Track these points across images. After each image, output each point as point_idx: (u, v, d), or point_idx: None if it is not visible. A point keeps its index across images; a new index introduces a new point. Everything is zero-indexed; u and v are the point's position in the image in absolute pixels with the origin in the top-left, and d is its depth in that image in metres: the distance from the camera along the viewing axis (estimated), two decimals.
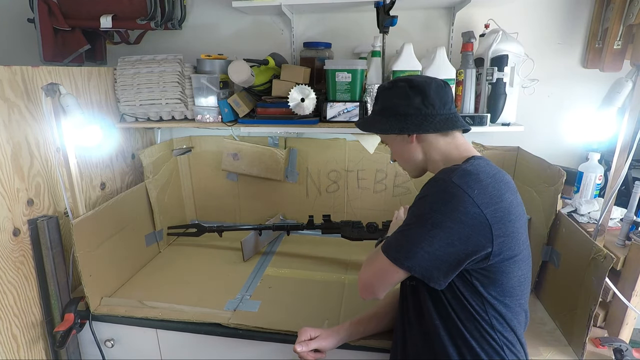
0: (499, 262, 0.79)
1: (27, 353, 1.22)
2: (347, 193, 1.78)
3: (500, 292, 0.81)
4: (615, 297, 1.06)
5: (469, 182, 0.76)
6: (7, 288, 1.14)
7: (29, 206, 1.20)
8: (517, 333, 0.85)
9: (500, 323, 0.82)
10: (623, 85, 1.03)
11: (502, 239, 0.77)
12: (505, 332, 0.83)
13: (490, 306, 0.81)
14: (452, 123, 0.90)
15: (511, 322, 0.83)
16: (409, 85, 0.90)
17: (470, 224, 0.75)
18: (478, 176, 0.78)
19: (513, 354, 0.84)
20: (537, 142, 1.56)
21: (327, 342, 1.04)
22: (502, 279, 0.80)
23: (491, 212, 0.75)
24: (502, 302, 0.82)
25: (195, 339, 1.24)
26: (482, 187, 0.76)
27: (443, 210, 0.76)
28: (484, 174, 0.79)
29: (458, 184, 0.76)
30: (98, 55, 1.73)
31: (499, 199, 0.77)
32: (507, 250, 0.78)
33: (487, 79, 1.34)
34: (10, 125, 1.14)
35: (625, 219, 1.10)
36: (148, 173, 1.58)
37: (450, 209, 0.75)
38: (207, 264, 1.57)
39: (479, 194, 0.75)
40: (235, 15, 1.68)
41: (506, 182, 0.83)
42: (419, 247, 0.77)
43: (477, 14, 1.52)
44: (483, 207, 0.75)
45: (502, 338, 0.83)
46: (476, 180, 0.77)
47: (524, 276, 0.85)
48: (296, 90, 1.39)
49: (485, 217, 0.75)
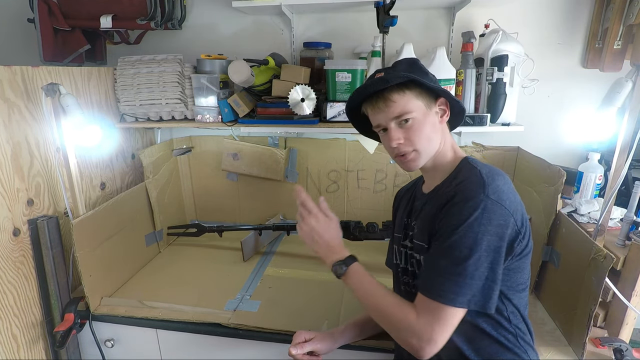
0: (519, 259, 0.81)
1: (27, 353, 1.22)
2: (347, 193, 1.78)
3: (518, 286, 0.83)
4: (615, 297, 1.06)
5: (499, 194, 0.73)
6: (7, 288, 1.14)
7: (29, 206, 1.20)
8: (527, 321, 0.87)
9: (515, 315, 0.84)
10: (623, 85, 1.03)
11: (525, 238, 0.79)
12: (519, 324, 0.85)
13: (509, 301, 0.82)
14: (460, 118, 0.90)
15: (524, 312, 0.86)
16: (417, 62, 0.86)
17: (510, 235, 0.75)
18: (497, 182, 0.75)
19: (526, 343, 0.86)
20: (537, 142, 1.56)
21: (322, 345, 1.03)
22: (518, 274, 0.83)
23: (519, 217, 0.77)
24: (519, 294, 0.84)
25: (195, 339, 1.24)
26: (507, 195, 0.75)
27: (492, 231, 0.71)
28: (500, 181, 0.76)
29: (495, 200, 0.72)
30: (98, 55, 1.73)
31: (518, 203, 0.78)
32: (526, 248, 0.81)
33: (487, 79, 1.34)
34: (10, 125, 1.14)
35: (625, 219, 1.10)
36: (148, 173, 1.58)
37: (496, 225, 0.72)
38: (207, 264, 1.57)
39: (509, 204, 0.74)
40: (235, 15, 1.68)
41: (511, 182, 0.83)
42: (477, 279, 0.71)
43: (477, 14, 1.52)
44: (515, 214, 0.75)
45: (517, 330, 0.84)
46: (500, 189, 0.74)
47: (528, 269, 0.87)
48: (296, 90, 1.39)
49: (516, 224, 0.76)
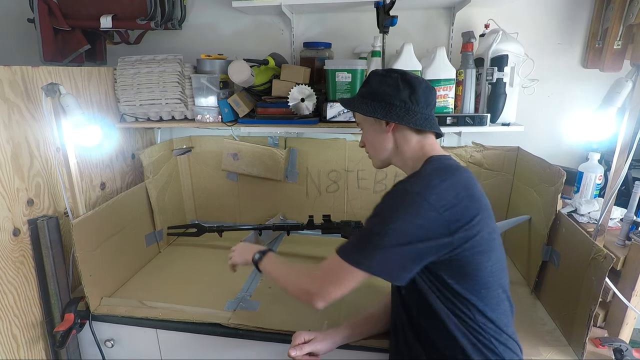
0: (464, 256, 0.82)
1: (27, 353, 1.22)
2: (347, 193, 1.78)
3: (475, 285, 0.84)
4: (615, 297, 1.06)
5: (425, 189, 0.81)
6: (7, 288, 1.14)
7: (29, 206, 1.20)
8: (498, 323, 0.86)
9: (482, 315, 0.84)
10: (623, 85, 1.03)
11: (461, 234, 0.80)
12: (487, 323, 0.84)
13: (467, 300, 0.83)
14: (430, 124, 0.94)
15: (491, 314, 0.85)
16: (402, 77, 0.94)
17: (430, 227, 0.79)
18: (433, 181, 0.83)
19: (501, 344, 0.85)
20: (537, 142, 1.56)
21: (321, 346, 1.04)
22: (472, 272, 0.83)
23: (449, 214, 0.80)
24: (478, 294, 0.84)
25: (195, 339, 1.24)
26: (438, 192, 0.81)
27: (404, 218, 0.80)
28: (438, 178, 0.84)
29: (417, 192, 0.81)
30: (98, 55, 1.73)
31: (456, 200, 0.81)
32: (469, 245, 0.81)
33: (487, 79, 1.34)
34: (10, 125, 1.14)
35: (625, 219, 1.10)
36: (148, 173, 1.58)
37: (411, 214, 0.80)
38: (207, 264, 1.57)
39: (436, 199, 0.80)
40: (235, 15, 1.68)
41: (462, 179, 0.86)
42: (381, 250, 0.81)
43: (477, 14, 1.52)
44: (442, 210, 0.79)
45: (486, 328, 0.84)
46: (432, 186, 0.82)
47: (496, 266, 0.86)
48: (296, 90, 1.39)
49: (445, 219, 0.79)
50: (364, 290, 1.35)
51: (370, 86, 0.98)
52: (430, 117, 0.95)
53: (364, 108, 0.96)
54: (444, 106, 1.38)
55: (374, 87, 0.96)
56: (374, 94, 0.96)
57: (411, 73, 0.96)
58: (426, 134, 0.96)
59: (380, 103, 0.94)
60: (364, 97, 0.98)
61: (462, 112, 1.39)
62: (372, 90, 0.97)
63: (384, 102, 0.94)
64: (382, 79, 0.96)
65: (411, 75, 0.94)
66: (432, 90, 0.96)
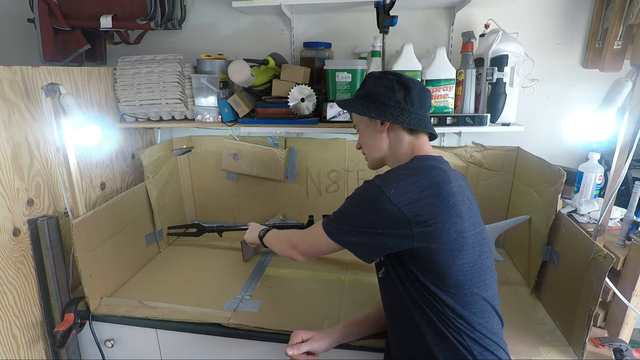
0: (427, 252, 0.84)
1: (27, 353, 1.22)
2: (347, 193, 1.78)
3: (442, 282, 0.85)
4: (615, 297, 1.06)
5: (388, 183, 0.87)
6: (7, 288, 1.14)
7: (29, 206, 1.20)
8: (470, 321, 0.85)
9: (451, 310, 0.85)
10: (623, 85, 1.03)
11: (421, 229, 0.83)
12: (457, 318, 0.85)
13: (436, 295, 0.85)
14: (424, 124, 0.98)
15: (462, 311, 0.85)
16: (397, 79, 0.97)
17: (388, 217, 0.85)
18: (398, 177, 0.88)
19: (475, 342, 0.85)
20: (537, 142, 1.56)
21: (319, 345, 1.04)
22: (438, 268, 0.85)
23: (409, 209, 0.84)
24: (448, 292, 0.85)
25: (195, 339, 1.24)
26: (400, 187, 0.86)
27: (366, 207, 0.88)
28: (405, 174, 0.89)
29: (378, 185, 0.87)
30: (98, 55, 1.73)
31: (417, 196, 0.85)
32: (430, 241, 0.84)
33: (487, 79, 1.34)
34: (10, 125, 1.14)
35: (625, 219, 1.10)
36: (148, 173, 1.58)
37: (371, 205, 0.87)
38: (207, 264, 1.57)
39: (395, 192, 0.85)
40: (235, 15, 1.68)
41: (432, 177, 0.88)
42: (347, 229, 0.92)
43: (477, 14, 1.52)
44: (400, 204, 0.84)
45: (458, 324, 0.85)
46: (395, 181, 0.87)
47: (469, 265, 0.86)
48: (296, 90, 1.39)
49: (403, 213, 0.83)
50: (363, 290, 1.36)
51: (366, 88, 1.01)
52: (424, 118, 0.98)
53: (359, 108, 0.99)
54: (444, 106, 1.38)
55: (370, 89, 1.00)
56: (370, 95, 0.99)
57: (406, 75, 0.99)
58: (419, 134, 0.99)
59: (376, 104, 0.97)
60: (360, 98, 1.01)
61: (462, 112, 1.39)
62: (368, 91, 1.00)
63: (379, 102, 0.97)
64: (377, 81, 0.99)
65: (406, 77, 0.98)
66: (427, 92, 0.99)
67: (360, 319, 1.13)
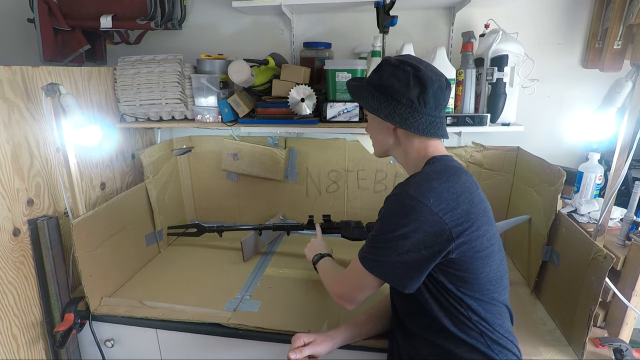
0: (462, 261, 0.82)
1: (27, 353, 1.22)
2: (347, 193, 1.78)
3: (468, 288, 0.84)
4: (615, 297, 1.06)
5: (424, 192, 0.81)
6: (7, 288, 1.14)
7: (29, 206, 1.20)
8: (493, 325, 0.86)
9: (477, 315, 0.85)
10: (623, 85, 1.03)
11: (461, 239, 0.80)
12: (481, 322, 0.85)
13: (463, 302, 0.84)
14: (435, 129, 0.91)
15: (485, 315, 0.85)
16: (414, 73, 0.88)
17: (432, 231, 0.79)
18: (431, 184, 0.82)
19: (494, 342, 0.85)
20: (537, 142, 1.56)
21: (321, 348, 1.03)
22: (467, 276, 0.83)
23: (449, 217, 0.79)
24: (472, 297, 0.84)
25: (195, 339, 1.24)
26: (437, 195, 0.81)
27: (405, 223, 0.81)
28: (437, 180, 0.83)
29: (414, 196, 0.81)
30: (98, 55, 1.73)
31: (455, 203, 0.81)
32: (466, 250, 0.81)
33: (487, 79, 1.34)
34: (10, 125, 1.14)
35: (625, 219, 1.10)
36: (148, 173, 1.58)
37: (412, 220, 0.80)
38: (207, 264, 1.57)
39: (434, 202, 0.80)
40: (235, 15, 1.68)
41: (463, 182, 0.85)
42: (388, 258, 0.83)
43: (477, 14, 1.52)
44: (441, 213, 0.79)
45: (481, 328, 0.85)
46: (430, 189, 0.81)
47: (494, 272, 0.86)
48: (296, 90, 1.39)
49: (444, 222, 0.79)
50: None
51: (381, 76, 0.92)
52: (436, 121, 0.91)
53: (369, 102, 0.93)
54: None
55: (384, 79, 0.91)
56: (383, 87, 0.91)
57: (425, 69, 0.89)
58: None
59: (387, 98, 0.90)
60: (372, 87, 0.94)
61: (462, 112, 1.39)
62: (382, 81, 0.92)
63: (390, 97, 0.90)
64: (394, 71, 0.90)
65: (424, 72, 0.87)
66: (446, 90, 0.91)
67: (362, 320, 1.12)
